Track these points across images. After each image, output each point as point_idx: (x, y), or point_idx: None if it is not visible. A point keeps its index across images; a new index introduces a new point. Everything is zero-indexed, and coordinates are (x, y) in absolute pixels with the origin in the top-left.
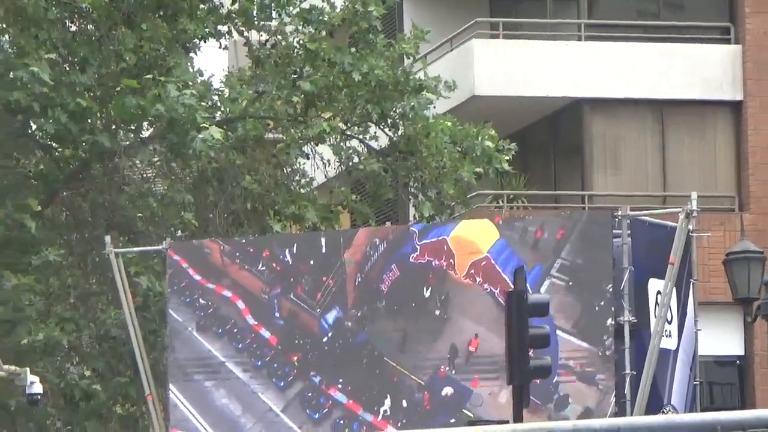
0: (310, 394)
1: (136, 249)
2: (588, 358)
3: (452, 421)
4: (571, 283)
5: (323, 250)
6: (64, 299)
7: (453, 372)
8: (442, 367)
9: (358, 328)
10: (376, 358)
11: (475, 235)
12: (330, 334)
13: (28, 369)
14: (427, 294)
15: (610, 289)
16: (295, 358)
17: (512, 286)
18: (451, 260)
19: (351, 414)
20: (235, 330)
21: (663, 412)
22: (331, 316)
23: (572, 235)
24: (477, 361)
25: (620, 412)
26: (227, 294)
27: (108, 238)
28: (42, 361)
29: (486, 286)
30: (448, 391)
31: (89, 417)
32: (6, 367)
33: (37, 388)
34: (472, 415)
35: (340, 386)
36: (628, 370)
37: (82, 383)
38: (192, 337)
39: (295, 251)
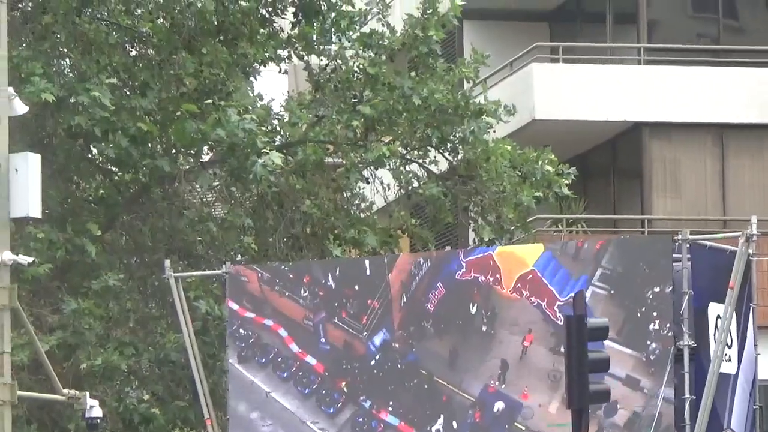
0: (361, 419)
1: (195, 273)
2: (633, 364)
3: None
4: (612, 291)
5: (367, 273)
6: (124, 323)
7: (503, 386)
8: (492, 382)
9: (405, 348)
10: (425, 378)
11: (521, 249)
12: (378, 357)
13: (87, 393)
14: (474, 310)
15: (650, 296)
16: (344, 383)
17: (559, 298)
18: (498, 275)
19: None
20: (279, 359)
21: None
22: (378, 339)
23: (610, 246)
24: (526, 374)
25: None
26: (268, 323)
27: (167, 263)
28: (101, 385)
29: (533, 299)
30: (499, 406)
31: None
32: (66, 390)
33: (97, 412)
34: (524, 428)
35: (390, 409)
36: (687, 395)
37: (141, 407)
38: (233, 370)
39: (338, 275)
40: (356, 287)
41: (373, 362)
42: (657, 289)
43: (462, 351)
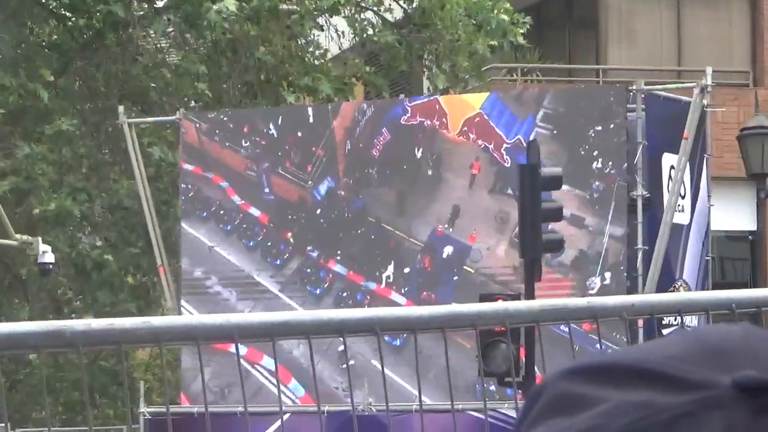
0: (308, 270)
1: (149, 119)
2: (577, 203)
3: (455, 279)
4: (555, 132)
5: (311, 120)
6: (77, 169)
7: (450, 230)
8: (440, 226)
9: (351, 196)
10: (373, 226)
11: (468, 95)
12: (324, 205)
13: (40, 238)
14: (419, 154)
15: (592, 134)
16: (290, 234)
17: (506, 140)
18: (444, 119)
19: (353, 285)
20: (222, 212)
21: (674, 287)
22: (323, 187)
23: (552, 90)
24: (471, 216)
25: (632, 287)
26: (208, 175)
27: (121, 108)
28: (54, 230)
29: (480, 141)
30: (448, 250)
31: (100, 287)
32: (18, 236)
33: (49, 257)
34: (473, 271)
35: (339, 258)
36: (640, 245)
37: (93, 253)
38: (179, 226)
39: (280, 123)
40: (299, 134)
41: (319, 211)
42: (599, 128)
43: (409, 196)
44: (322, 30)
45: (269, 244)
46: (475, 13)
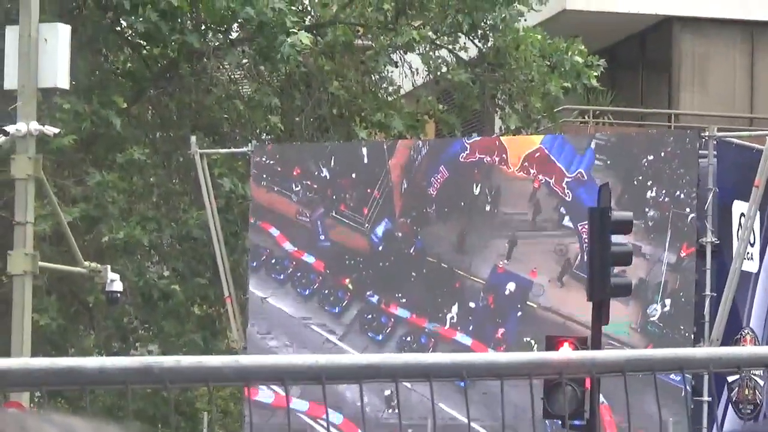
0: (369, 316)
1: (221, 150)
2: (633, 232)
3: (518, 314)
4: (608, 162)
5: (365, 161)
6: (147, 198)
7: (510, 265)
8: (501, 262)
9: (410, 236)
10: (433, 266)
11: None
12: (381, 248)
13: (108, 267)
14: (477, 191)
15: (645, 163)
16: (348, 280)
17: (567, 174)
18: (504, 155)
19: (416, 328)
20: (273, 261)
21: (741, 335)
22: (380, 229)
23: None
24: (532, 251)
25: (699, 332)
26: (255, 222)
27: (194, 139)
28: (122, 259)
29: (541, 176)
30: (510, 287)
31: (167, 316)
32: (87, 263)
33: (117, 285)
34: (535, 306)
35: (400, 301)
36: (708, 291)
37: (161, 283)
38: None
39: (333, 165)
40: (353, 176)
41: (376, 254)
42: (651, 157)
43: (468, 233)
44: (397, 66)
45: (326, 291)
46: (550, 54)
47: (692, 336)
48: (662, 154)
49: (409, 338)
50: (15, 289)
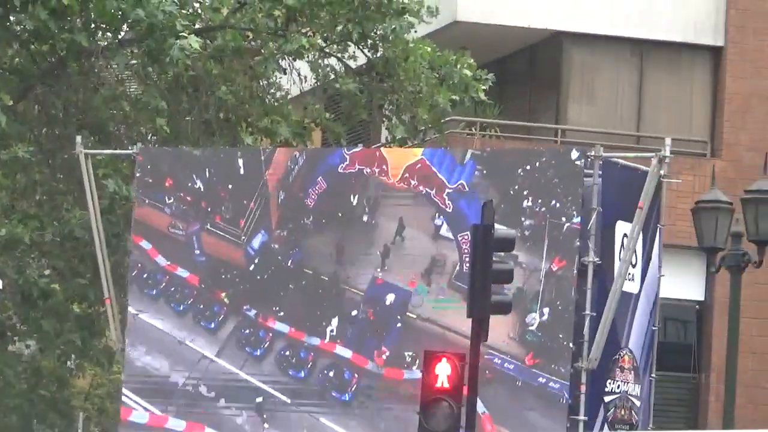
0: (247, 331)
1: (106, 151)
2: None
3: (398, 326)
4: (485, 171)
5: (241, 172)
6: (30, 196)
7: (389, 276)
8: (379, 273)
9: (286, 248)
10: (311, 278)
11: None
12: (257, 261)
13: None
14: (355, 201)
15: (521, 173)
16: (223, 294)
17: (448, 185)
18: (384, 166)
19: (295, 342)
20: (145, 275)
21: (620, 355)
22: (256, 242)
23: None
24: (409, 261)
25: (578, 351)
26: (126, 235)
27: (79, 138)
28: (2, 256)
29: (421, 188)
30: (390, 298)
31: (46, 315)
32: None
33: None
34: (415, 317)
35: (278, 315)
36: (588, 311)
37: (41, 281)
38: None
39: (207, 176)
40: (229, 187)
41: (253, 267)
42: (528, 167)
43: (346, 245)
44: (285, 73)
45: (201, 306)
46: (439, 66)
47: (571, 344)
48: (537, 164)
49: (287, 352)
50: None
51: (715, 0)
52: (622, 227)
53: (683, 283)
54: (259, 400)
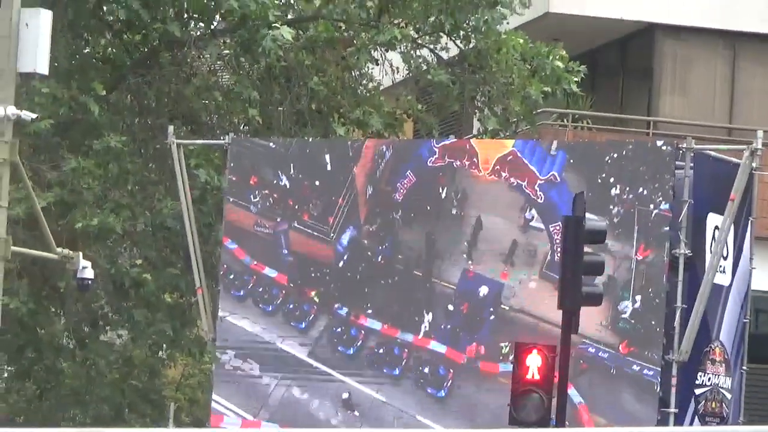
0: (339, 329)
1: (198, 141)
2: None
3: (491, 318)
4: (572, 161)
5: (328, 168)
6: (122, 185)
7: (480, 268)
8: (471, 266)
9: (375, 244)
10: (402, 273)
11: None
12: (346, 257)
13: (80, 253)
14: (444, 194)
15: (608, 161)
16: (313, 293)
17: (539, 176)
18: (475, 159)
19: (389, 339)
20: (231, 276)
21: (710, 347)
22: (345, 238)
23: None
24: (499, 252)
25: (668, 344)
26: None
27: (171, 128)
28: (95, 245)
29: (512, 180)
30: (483, 291)
31: (138, 305)
32: (59, 249)
33: (89, 273)
34: (508, 308)
35: (370, 312)
36: (679, 303)
37: (132, 271)
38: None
39: (292, 173)
40: (317, 183)
41: (342, 264)
42: (615, 156)
43: (436, 238)
44: (377, 64)
45: (291, 306)
46: (531, 58)
47: (663, 330)
48: (624, 152)
49: (381, 350)
50: None
51: None
52: (713, 219)
53: None
54: (345, 396)
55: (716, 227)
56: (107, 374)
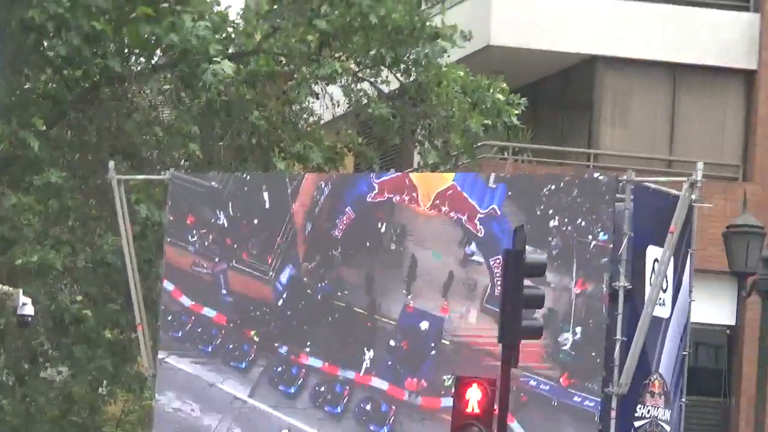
0: (279, 369)
1: (139, 177)
2: None
3: (433, 353)
4: (510, 193)
5: (267, 206)
6: (63, 221)
7: (420, 303)
8: (411, 301)
9: (315, 282)
10: (342, 310)
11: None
12: (285, 296)
13: (21, 290)
14: (383, 230)
15: (546, 192)
16: (253, 332)
17: (479, 210)
18: (414, 194)
19: (330, 377)
20: (170, 317)
21: (650, 380)
22: (284, 276)
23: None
24: (439, 287)
25: (608, 376)
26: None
27: (112, 164)
28: (35, 282)
29: (453, 214)
30: (424, 325)
31: (78, 341)
32: None
33: (29, 309)
34: (448, 342)
35: (310, 350)
36: (618, 336)
37: (73, 307)
38: None
39: (231, 211)
40: (255, 222)
41: (281, 302)
42: (553, 188)
43: (376, 274)
44: (318, 98)
45: (230, 346)
46: (471, 91)
47: (602, 362)
48: (562, 184)
49: (323, 388)
50: None
51: (749, 24)
52: (653, 252)
53: (714, 307)
54: None
55: (656, 260)
56: (47, 411)
